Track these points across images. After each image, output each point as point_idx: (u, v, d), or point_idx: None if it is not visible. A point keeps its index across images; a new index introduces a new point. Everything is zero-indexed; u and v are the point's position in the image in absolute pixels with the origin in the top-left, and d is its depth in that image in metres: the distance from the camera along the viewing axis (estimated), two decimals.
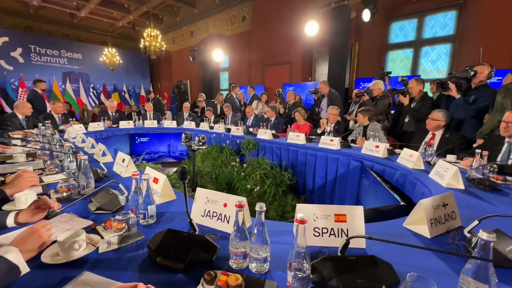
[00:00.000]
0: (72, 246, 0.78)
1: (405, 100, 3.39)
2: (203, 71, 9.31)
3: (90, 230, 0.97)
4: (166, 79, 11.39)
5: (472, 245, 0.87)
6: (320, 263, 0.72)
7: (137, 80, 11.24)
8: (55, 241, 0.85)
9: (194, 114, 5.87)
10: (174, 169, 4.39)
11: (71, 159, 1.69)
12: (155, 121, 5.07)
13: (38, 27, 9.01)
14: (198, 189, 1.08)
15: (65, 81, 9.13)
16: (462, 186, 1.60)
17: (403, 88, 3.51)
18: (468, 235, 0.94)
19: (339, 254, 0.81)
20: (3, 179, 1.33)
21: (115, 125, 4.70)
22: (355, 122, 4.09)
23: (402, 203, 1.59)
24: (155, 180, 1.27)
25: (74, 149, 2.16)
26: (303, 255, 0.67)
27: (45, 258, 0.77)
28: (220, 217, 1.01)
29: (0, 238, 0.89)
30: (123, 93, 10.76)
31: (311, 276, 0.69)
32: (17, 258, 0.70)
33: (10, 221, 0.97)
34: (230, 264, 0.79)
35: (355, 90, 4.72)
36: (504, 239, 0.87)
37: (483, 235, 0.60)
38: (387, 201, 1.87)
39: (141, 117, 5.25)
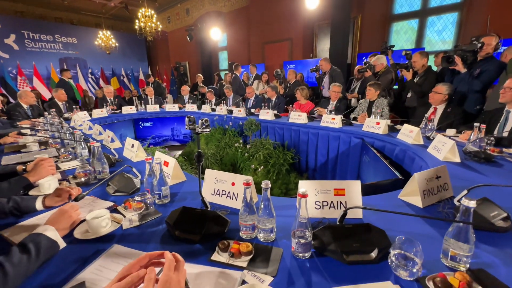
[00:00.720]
0: (99, 223, 0.88)
1: (408, 75, 3.33)
2: (201, 51, 9.07)
3: (112, 210, 1.07)
4: (164, 61, 11.15)
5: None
6: (320, 231, 0.81)
7: (134, 63, 11.03)
8: (83, 221, 0.95)
9: (194, 97, 5.85)
10: (179, 152, 4.49)
11: (83, 146, 1.77)
12: (157, 106, 5.09)
13: (29, 11, 8.70)
14: (207, 170, 1.16)
15: (62, 67, 9.00)
16: (458, 159, 1.66)
17: (407, 62, 3.43)
18: (457, 203, 1.02)
19: (338, 223, 0.90)
20: (24, 167, 1.42)
21: (118, 111, 4.74)
22: (358, 100, 4.08)
23: (399, 177, 1.67)
24: (166, 164, 1.35)
25: (84, 137, 2.24)
26: (305, 225, 0.76)
27: (78, 234, 0.88)
28: (228, 195, 1.10)
29: (34, 219, 0.99)
30: (121, 77, 10.63)
31: (313, 242, 0.78)
32: (55, 235, 0.80)
33: (38, 204, 1.07)
34: (240, 235, 0.89)
35: (357, 66, 4.63)
36: (490, 206, 0.95)
37: (464, 202, 0.67)
38: (386, 176, 1.95)
39: (142, 101, 5.26)
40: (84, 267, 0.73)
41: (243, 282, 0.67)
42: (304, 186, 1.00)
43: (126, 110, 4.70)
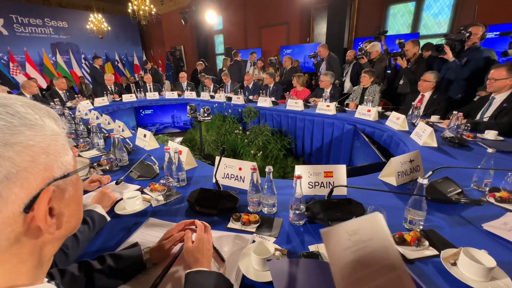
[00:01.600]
0: (135, 202, 1.09)
1: (403, 63, 3.45)
2: (196, 34, 8.91)
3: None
4: (158, 45, 10.92)
5: None
6: (312, 205, 1.03)
7: (128, 47, 10.78)
8: (119, 200, 1.16)
9: (192, 83, 5.91)
10: (180, 138, 4.66)
11: (99, 136, 1.94)
12: (156, 93, 5.17)
13: None
14: (217, 158, 1.35)
15: (54, 53, 8.81)
16: (435, 144, 1.89)
17: (400, 50, 3.55)
18: None
19: (326, 199, 1.12)
20: None
21: (118, 99, 4.82)
22: (353, 86, 4.22)
23: (383, 160, 1.89)
24: (179, 152, 1.54)
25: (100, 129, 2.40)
26: (300, 200, 0.97)
27: (118, 211, 1.09)
28: (236, 178, 1.31)
29: None
30: (116, 63, 10.44)
31: (306, 213, 1.01)
32: (102, 211, 1.01)
33: None
34: (248, 209, 1.11)
35: (349, 51, 4.72)
36: (449, 183, 1.18)
37: (419, 180, 0.89)
38: (375, 160, 2.18)
39: (141, 89, 5.32)
40: (130, 234, 0.95)
41: (253, 241, 0.90)
42: (299, 169, 1.21)
43: (127, 98, 4.79)
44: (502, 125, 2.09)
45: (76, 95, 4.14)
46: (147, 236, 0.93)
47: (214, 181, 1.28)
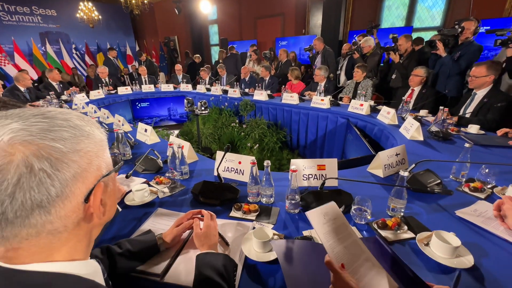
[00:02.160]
0: (143, 194, 1.18)
1: (396, 58, 3.53)
2: (190, 24, 8.76)
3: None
4: (151, 35, 10.68)
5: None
6: (306, 195, 1.14)
7: (120, 37, 10.52)
8: (128, 192, 1.24)
9: (188, 76, 5.89)
10: (177, 131, 4.70)
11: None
12: (152, 85, 5.15)
13: None
14: (218, 152, 1.44)
15: (44, 42, 8.56)
16: (421, 138, 2.01)
17: (393, 45, 3.63)
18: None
19: (319, 190, 1.23)
20: None
21: (113, 91, 4.80)
22: (346, 80, 4.30)
23: (373, 153, 2.01)
24: (182, 147, 1.62)
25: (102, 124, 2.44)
26: (295, 191, 1.08)
27: (128, 202, 1.18)
28: (236, 171, 1.41)
29: None
30: (108, 53, 10.20)
31: (300, 203, 1.11)
32: None
33: None
34: (248, 199, 1.21)
35: (345, 45, 4.78)
36: (429, 174, 1.30)
37: (401, 172, 1.00)
38: (366, 152, 2.30)
39: (136, 81, 5.29)
40: (141, 223, 1.04)
41: (254, 228, 1.00)
42: (294, 163, 1.31)
43: (122, 90, 4.76)
44: (489, 122, 2.22)
45: (70, 88, 4.10)
46: (157, 224, 1.03)
47: (215, 174, 1.37)
